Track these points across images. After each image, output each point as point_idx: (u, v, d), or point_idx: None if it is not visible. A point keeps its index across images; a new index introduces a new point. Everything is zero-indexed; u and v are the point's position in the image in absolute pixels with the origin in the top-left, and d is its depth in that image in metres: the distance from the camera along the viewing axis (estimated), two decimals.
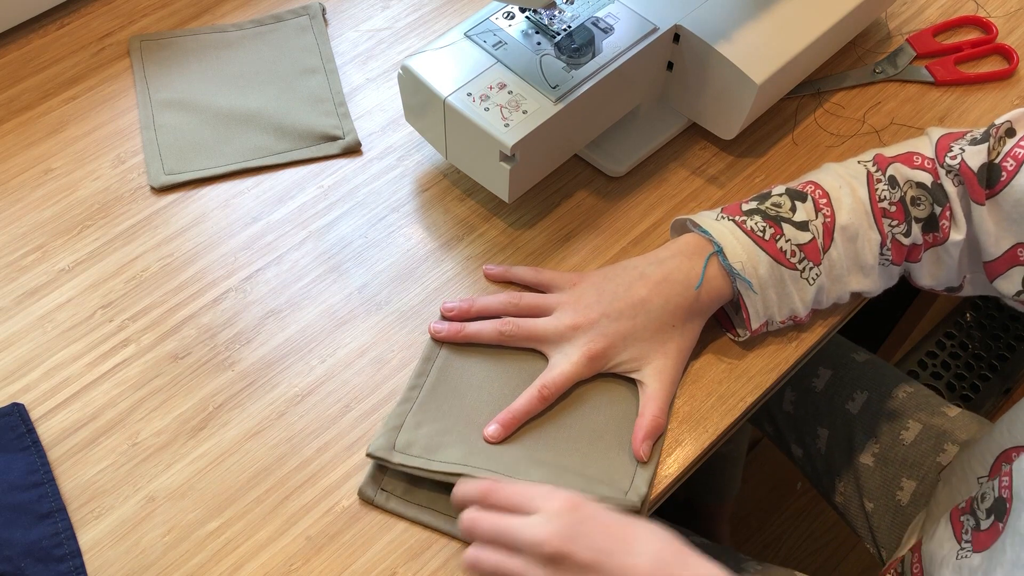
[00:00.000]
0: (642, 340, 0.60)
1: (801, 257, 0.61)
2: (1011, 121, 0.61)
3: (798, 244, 0.60)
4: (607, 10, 0.68)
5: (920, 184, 0.62)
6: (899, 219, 0.62)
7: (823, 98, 0.78)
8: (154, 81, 0.78)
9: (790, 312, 0.62)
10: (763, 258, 0.60)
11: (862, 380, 0.87)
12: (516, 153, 0.63)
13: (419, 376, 0.62)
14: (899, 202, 0.62)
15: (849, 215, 0.61)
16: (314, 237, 0.71)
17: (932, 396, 0.86)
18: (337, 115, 0.77)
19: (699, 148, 0.76)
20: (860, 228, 0.61)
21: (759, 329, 0.63)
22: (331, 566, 0.57)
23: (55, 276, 0.68)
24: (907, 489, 0.82)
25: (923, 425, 0.83)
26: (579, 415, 0.61)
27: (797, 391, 0.92)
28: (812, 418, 0.90)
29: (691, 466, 0.61)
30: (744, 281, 0.60)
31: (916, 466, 0.81)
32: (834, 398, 0.88)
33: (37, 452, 0.60)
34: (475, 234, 0.71)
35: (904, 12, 0.84)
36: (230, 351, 0.65)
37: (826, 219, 0.61)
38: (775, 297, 0.61)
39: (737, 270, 0.59)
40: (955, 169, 0.61)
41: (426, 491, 0.58)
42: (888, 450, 0.84)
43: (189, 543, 0.57)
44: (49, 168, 0.74)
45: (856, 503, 0.86)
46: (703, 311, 0.62)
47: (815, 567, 1.39)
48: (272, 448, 0.61)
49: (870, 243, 0.62)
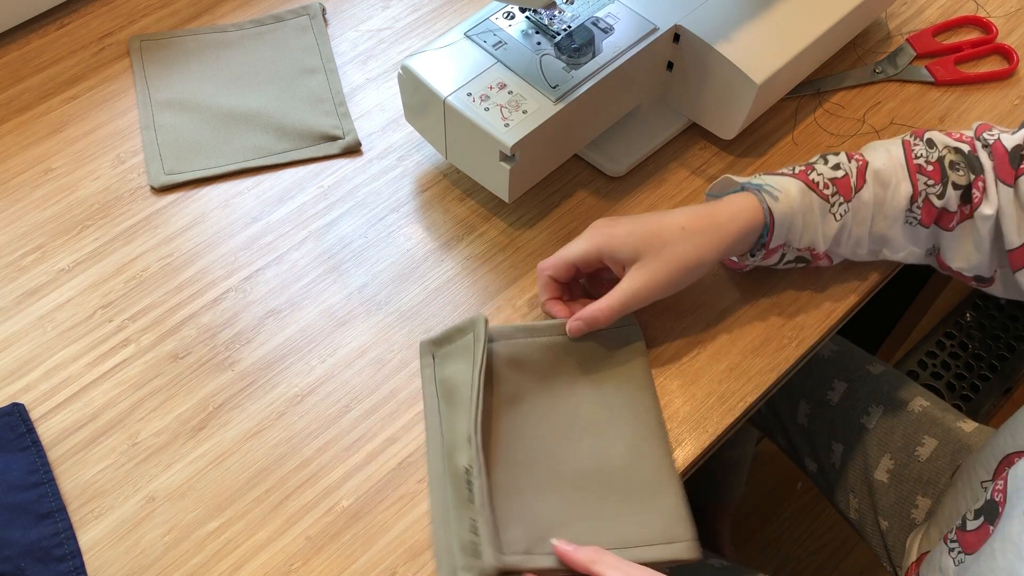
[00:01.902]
0: (645, 233, 0.60)
1: (834, 191, 0.61)
2: None
3: (830, 178, 0.61)
4: (607, 10, 0.68)
5: (958, 150, 0.62)
6: (935, 179, 0.61)
7: (823, 98, 0.78)
8: (154, 81, 0.79)
9: (810, 242, 0.62)
10: (795, 184, 0.60)
11: (878, 394, 0.86)
12: (516, 153, 0.63)
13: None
14: (937, 162, 0.61)
15: (883, 162, 0.61)
16: (314, 237, 0.71)
17: (949, 410, 0.84)
18: (337, 115, 0.77)
19: (699, 148, 0.76)
20: (894, 176, 0.61)
21: (774, 251, 0.62)
22: (331, 566, 0.57)
23: (55, 276, 0.68)
24: (922, 507, 0.80)
25: (939, 441, 0.81)
26: (603, 462, 0.60)
27: (812, 404, 0.90)
28: (827, 432, 0.88)
29: (691, 466, 0.61)
30: (767, 187, 0.60)
31: (931, 484, 0.80)
32: (849, 412, 0.87)
33: (37, 452, 0.60)
34: (475, 234, 0.71)
35: (904, 12, 0.84)
36: (230, 351, 0.65)
37: (859, 163, 0.62)
38: (800, 223, 0.61)
39: (761, 184, 0.60)
40: (990, 144, 0.61)
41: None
42: (903, 467, 0.82)
43: (189, 543, 0.57)
44: (49, 168, 0.74)
45: (871, 521, 0.84)
46: (721, 224, 0.60)
47: (815, 567, 1.39)
48: (272, 448, 0.61)
49: (900, 194, 0.61)
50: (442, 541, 0.56)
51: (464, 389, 0.60)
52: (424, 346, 0.64)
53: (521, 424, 0.61)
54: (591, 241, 0.61)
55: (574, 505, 0.58)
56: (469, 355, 0.61)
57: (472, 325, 0.62)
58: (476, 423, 0.57)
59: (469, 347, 0.61)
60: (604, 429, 0.60)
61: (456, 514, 0.56)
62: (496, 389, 0.62)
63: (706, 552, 0.86)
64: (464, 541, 0.55)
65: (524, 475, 0.59)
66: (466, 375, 0.60)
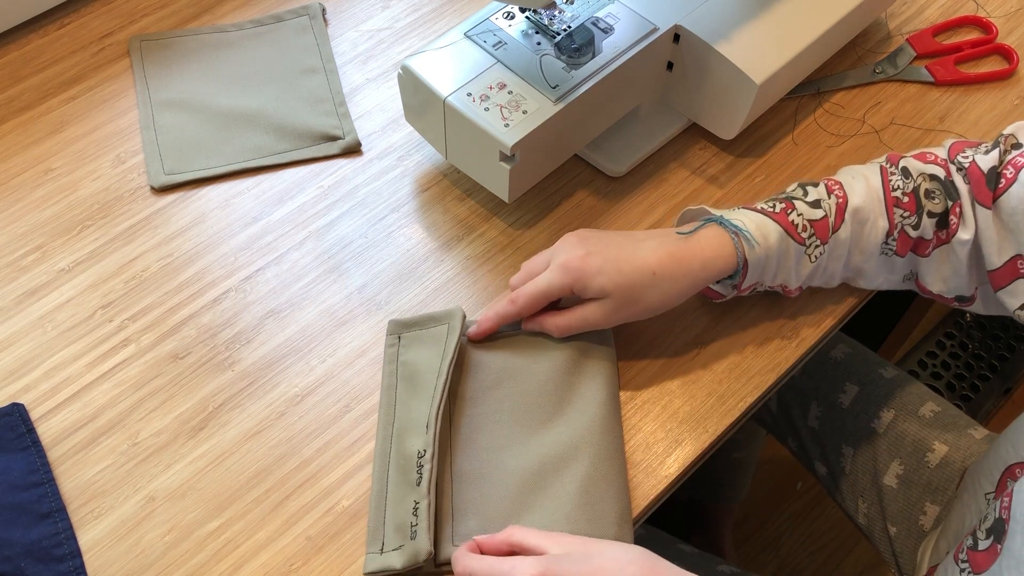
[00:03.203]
0: (614, 272, 0.58)
1: (811, 233, 0.60)
2: (1015, 135, 0.61)
3: (810, 220, 0.60)
4: (607, 10, 0.68)
5: (934, 176, 0.61)
6: (910, 210, 0.61)
7: (823, 98, 0.78)
8: (154, 81, 0.79)
9: (783, 281, 0.62)
10: (774, 227, 0.59)
11: (889, 398, 0.85)
12: (516, 153, 0.63)
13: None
14: (912, 193, 0.61)
15: (862, 199, 0.61)
16: (314, 237, 0.71)
17: (960, 416, 0.84)
18: (337, 115, 0.77)
19: (699, 148, 0.76)
20: (872, 213, 0.61)
21: (747, 289, 0.62)
22: (331, 566, 0.57)
23: (55, 276, 0.68)
24: (930, 514, 0.79)
25: (949, 447, 0.81)
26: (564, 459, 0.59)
27: (823, 406, 0.90)
28: (837, 435, 0.88)
29: (691, 466, 0.61)
30: (744, 233, 0.59)
31: (940, 491, 0.79)
32: (860, 416, 0.86)
33: (37, 452, 0.60)
34: (475, 234, 0.71)
35: (904, 12, 0.84)
36: (230, 351, 0.65)
37: (839, 200, 0.61)
38: (774, 266, 0.60)
39: (740, 226, 0.59)
40: (964, 168, 0.61)
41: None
42: (912, 473, 0.81)
43: (189, 543, 0.57)
44: (49, 168, 0.74)
45: (880, 526, 0.84)
46: (691, 272, 0.59)
47: (815, 567, 1.39)
48: (272, 448, 0.61)
49: (877, 230, 0.61)
50: (377, 517, 0.57)
51: (428, 376, 0.61)
52: (393, 325, 0.65)
53: (488, 412, 0.61)
54: (564, 277, 0.59)
55: (530, 496, 0.57)
56: (438, 344, 0.62)
57: (448, 317, 0.63)
58: (437, 412, 0.58)
59: (440, 337, 0.62)
60: (566, 424, 0.60)
61: (398, 493, 0.57)
62: (465, 376, 0.63)
63: (710, 556, 0.87)
64: (401, 521, 0.56)
65: (486, 461, 0.59)
66: (431, 363, 0.61)
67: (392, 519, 0.56)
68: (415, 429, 0.59)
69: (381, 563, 0.55)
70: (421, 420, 0.59)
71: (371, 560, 0.56)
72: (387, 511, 0.57)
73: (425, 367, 0.61)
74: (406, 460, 0.58)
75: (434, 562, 0.55)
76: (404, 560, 0.54)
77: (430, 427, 0.58)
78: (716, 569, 0.84)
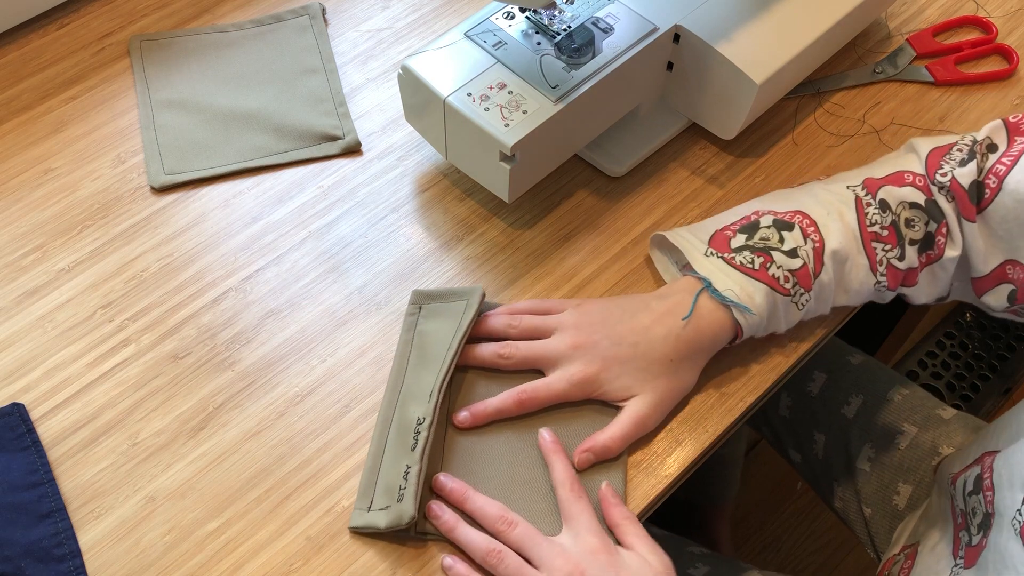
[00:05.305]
0: (636, 371, 0.59)
1: (794, 283, 0.60)
2: (990, 136, 0.61)
3: (790, 270, 0.60)
4: (607, 10, 0.68)
5: (914, 204, 0.61)
6: (891, 243, 0.61)
7: (823, 98, 0.78)
8: (154, 81, 0.79)
9: (774, 329, 0.62)
10: (759, 287, 0.59)
11: (858, 384, 0.87)
12: (516, 153, 0.63)
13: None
14: (891, 226, 0.61)
15: (839, 239, 0.60)
16: (314, 237, 0.71)
17: (928, 398, 0.86)
18: (337, 115, 0.77)
19: (699, 148, 0.76)
20: (850, 253, 0.61)
21: (739, 343, 0.63)
22: (331, 566, 0.57)
23: (55, 276, 0.68)
24: (903, 494, 0.81)
25: (918, 428, 0.83)
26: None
27: (793, 396, 0.91)
28: (809, 423, 0.90)
29: (691, 466, 0.61)
30: (739, 306, 0.59)
31: (912, 471, 0.81)
32: (829, 402, 0.88)
33: (37, 452, 0.60)
34: (475, 234, 0.71)
35: (904, 12, 0.84)
36: (230, 351, 0.65)
37: (815, 244, 0.60)
38: (766, 321, 0.61)
39: (730, 297, 0.59)
40: (946, 186, 0.61)
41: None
42: (884, 455, 0.83)
43: (189, 543, 0.57)
44: (49, 168, 0.74)
45: (855, 508, 0.86)
46: (703, 349, 0.61)
47: (815, 567, 1.39)
48: (272, 448, 0.61)
49: (858, 268, 0.61)
50: (370, 476, 0.58)
51: (440, 348, 0.62)
52: (416, 295, 0.66)
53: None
54: (580, 392, 0.60)
55: (511, 498, 0.58)
56: (455, 318, 0.63)
57: (469, 293, 0.64)
58: (442, 384, 0.59)
59: (458, 312, 0.63)
60: (566, 424, 0.61)
61: (392, 456, 0.58)
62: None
63: (731, 559, 0.87)
64: (391, 483, 0.57)
65: (482, 436, 0.60)
66: (446, 336, 0.62)
67: (383, 479, 0.57)
68: (420, 397, 0.60)
69: (366, 520, 0.56)
70: (426, 389, 0.60)
71: (357, 515, 0.57)
72: (380, 471, 0.58)
73: (439, 339, 0.62)
74: (406, 425, 0.59)
75: (415, 528, 0.57)
76: (388, 521, 0.55)
77: (433, 396, 0.59)
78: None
